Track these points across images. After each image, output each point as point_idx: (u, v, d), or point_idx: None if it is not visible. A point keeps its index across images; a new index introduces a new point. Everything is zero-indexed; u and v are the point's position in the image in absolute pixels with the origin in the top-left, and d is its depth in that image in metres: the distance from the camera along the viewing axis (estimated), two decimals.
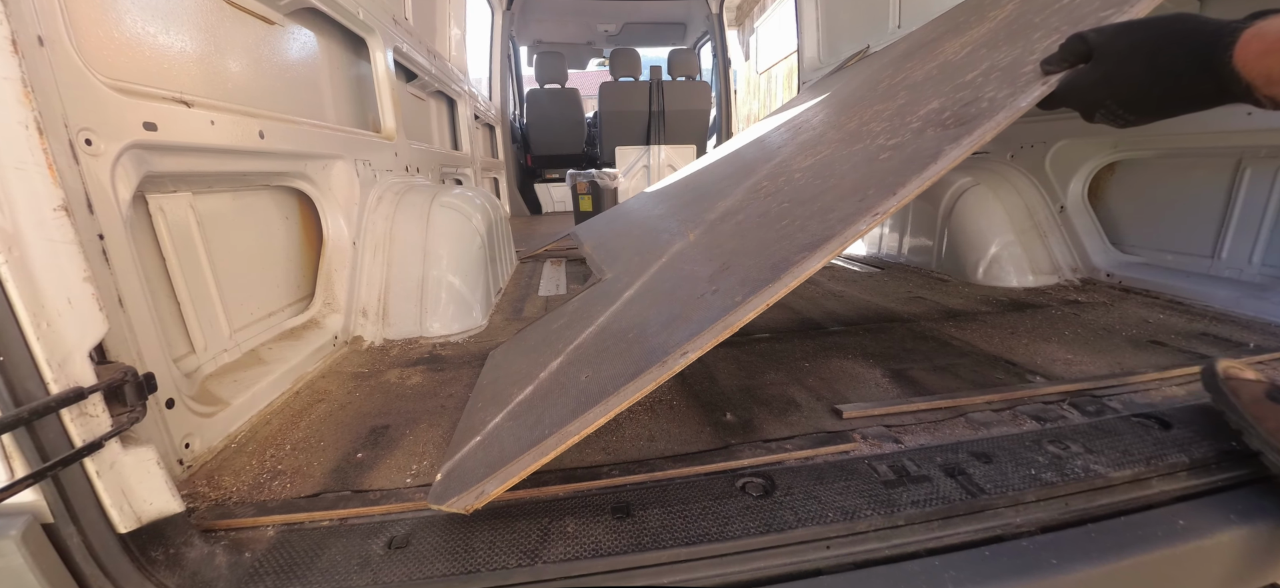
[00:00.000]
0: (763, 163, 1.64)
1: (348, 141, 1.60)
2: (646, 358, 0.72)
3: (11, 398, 0.61)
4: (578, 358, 0.90)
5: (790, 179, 1.16)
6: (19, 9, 0.66)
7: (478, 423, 0.89)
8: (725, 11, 5.08)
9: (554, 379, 0.87)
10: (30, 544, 0.61)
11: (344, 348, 1.47)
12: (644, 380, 0.67)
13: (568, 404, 0.73)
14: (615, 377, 0.72)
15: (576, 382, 0.80)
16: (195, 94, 1.04)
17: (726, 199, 1.46)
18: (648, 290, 1.06)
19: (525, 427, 0.76)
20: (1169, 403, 0.97)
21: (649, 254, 1.41)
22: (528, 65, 6.12)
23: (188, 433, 0.89)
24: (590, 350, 0.90)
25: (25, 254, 0.63)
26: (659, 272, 1.16)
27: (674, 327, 0.77)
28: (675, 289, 0.96)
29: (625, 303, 1.07)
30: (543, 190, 5.33)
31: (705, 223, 1.34)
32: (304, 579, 0.66)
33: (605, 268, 1.59)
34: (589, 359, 0.86)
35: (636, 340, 0.81)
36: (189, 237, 1.08)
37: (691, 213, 1.58)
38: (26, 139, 0.64)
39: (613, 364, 0.77)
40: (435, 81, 2.71)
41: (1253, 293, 1.46)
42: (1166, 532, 0.67)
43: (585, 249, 2.12)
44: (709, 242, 1.13)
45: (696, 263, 1.03)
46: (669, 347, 0.71)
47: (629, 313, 0.99)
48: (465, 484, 0.70)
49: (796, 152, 1.45)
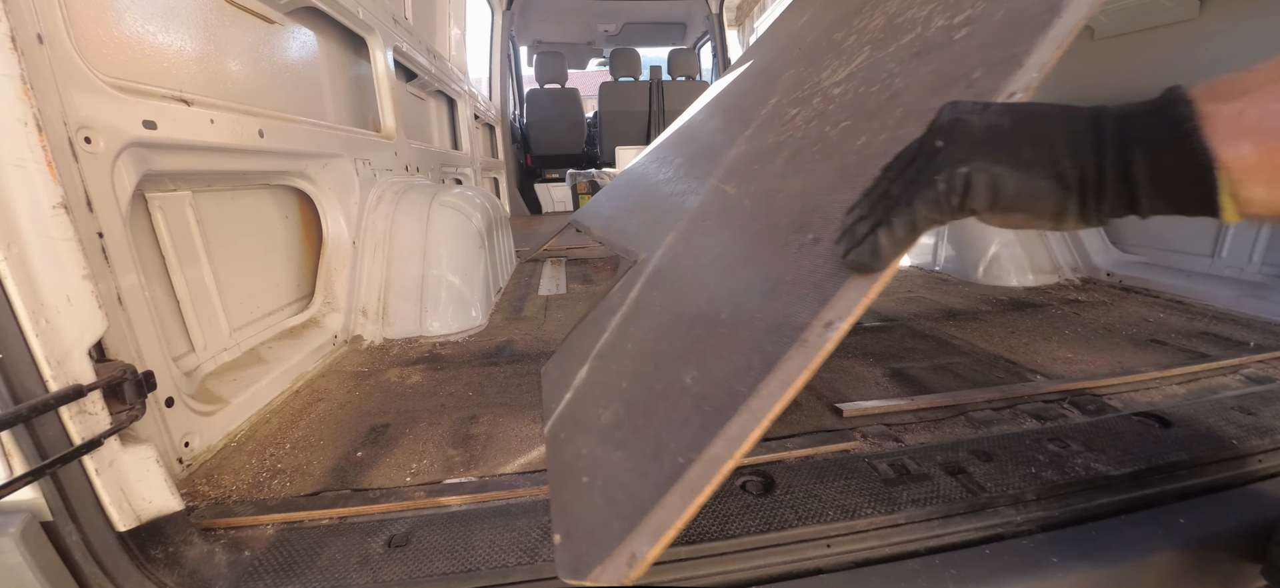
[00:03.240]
0: (765, 92, 1.42)
1: (348, 141, 1.60)
2: (772, 342, 0.56)
3: (10, 396, 0.61)
4: (663, 358, 0.75)
5: (828, 94, 0.96)
6: (18, 7, 0.66)
7: (572, 457, 0.74)
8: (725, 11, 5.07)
9: (645, 389, 0.72)
10: (29, 542, 0.61)
11: (344, 347, 1.47)
12: (789, 372, 0.51)
13: (688, 418, 0.59)
14: (737, 372, 0.57)
15: (681, 387, 0.65)
16: (195, 92, 1.04)
17: (744, 140, 1.25)
18: (710, 263, 0.87)
19: (642, 457, 0.61)
20: (1169, 402, 0.97)
21: (680, 223, 1.19)
22: (528, 65, 6.11)
23: (187, 431, 0.89)
24: (677, 346, 0.74)
25: (24, 252, 0.63)
26: (710, 238, 0.96)
27: (779, 297, 0.62)
28: (750, 252, 0.78)
29: (688, 282, 0.89)
30: (543, 190, 5.33)
31: (740, 170, 1.11)
32: (303, 578, 0.66)
33: (635, 249, 1.35)
34: (682, 356, 0.71)
35: (739, 323, 0.65)
36: (188, 235, 1.08)
37: (707, 166, 1.36)
38: (25, 136, 0.64)
39: (722, 357, 0.63)
40: (435, 81, 2.71)
41: (1253, 292, 1.46)
42: (1166, 531, 0.67)
43: (595, 233, 1.88)
44: (762, 188, 0.92)
45: (759, 216, 0.85)
46: (797, 322, 0.55)
47: (701, 292, 0.81)
48: (603, 545, 0.55)
49: (811, 67, 1.20)
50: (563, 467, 0.74)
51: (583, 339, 1.13)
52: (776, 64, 1.52)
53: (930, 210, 0.42)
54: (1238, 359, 1.12)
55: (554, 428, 0.87)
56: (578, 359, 1.04)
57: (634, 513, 0.54)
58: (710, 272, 0.85)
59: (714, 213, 1.04)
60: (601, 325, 1.09)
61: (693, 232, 1.06)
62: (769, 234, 0.76)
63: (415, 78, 2.53)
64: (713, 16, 5.18)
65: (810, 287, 0.57)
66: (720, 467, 0.50)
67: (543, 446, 0.94)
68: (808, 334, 0.52)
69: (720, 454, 0.51)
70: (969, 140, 0.41)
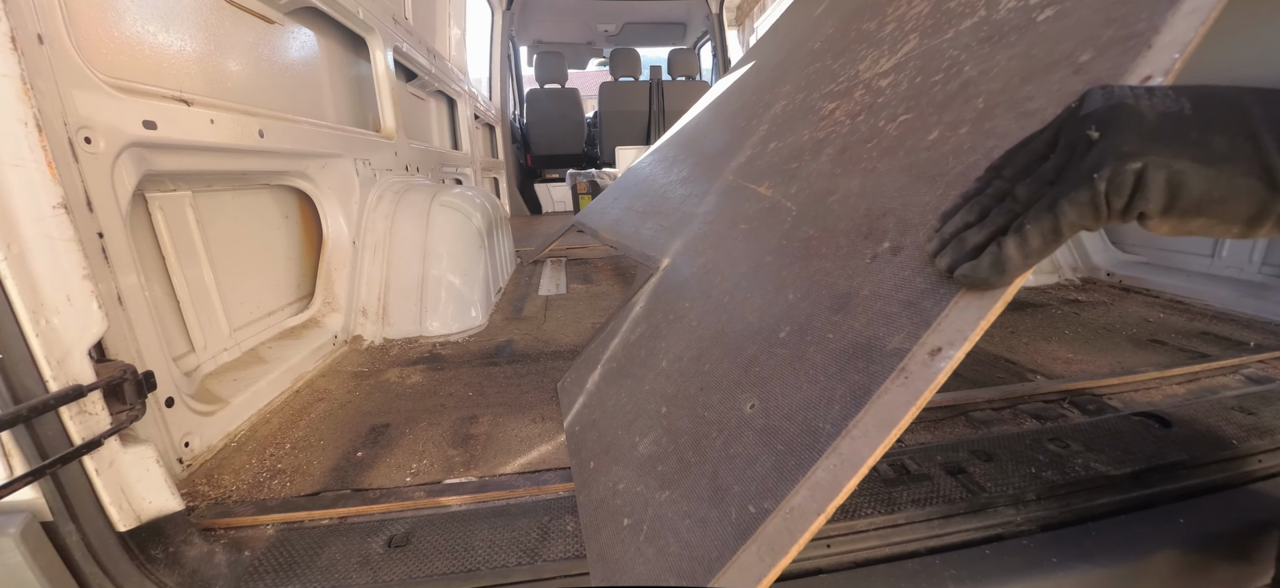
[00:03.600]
0: (783, 87, 1.32)
1: (348, 141, 1.60)
2: (859, 370, 0.48)
3: (10, 396, 0.61)
4: (709, 380, 0.67)
5: (873, 87, 0.89)
6: (18, 7, 0.66)
7: (606, 491, 0.67)
8: (725, 11, 5.07)
9: (690, 416, 0.65)
10: (29, 542, 0.61)
11: (344, 347, 1.47)
12: (890, 409, 0.42)
13: (754, 457, 0.51)
14: (813, 404, 0.50)
15: (739, 417, 0.57)
16: (195, 92, 1.04)
17: (770, 137, 1.15)
18: (753, 272, 0.79)
19: (698, 499, 0.53)
20: (1169, 402, 0.97)
21: (703, 226, 1.12)
22: (528, 65, 6.11)
23: (187, 432, 0.89)
24: (726, 367, 0.66)
25: (24, 252, 0.63)
26: (748, 244, 0.87)
27: (854, 315, 0.54)
28: (805, 262, 0.69)
29: (728, 293, 0.80)
30: (543, 190, 5.33)
31: (773, 169, 1.01)
32: (303, 578, 0.66)
33: (652, 254, 1.25)
34: (735, 380, 0.62)
35: (805, 344, 0.57)
36: (188, 235, 1.08)
37: (726, 165, 1.27)
38: (25, 136, 0.64)
39: (789, 384, 0.54)
40: (435, 81, 2.71)
41: (1253, 292, 1.46)
42: (1166, 531, 0.67)
43: (603, 237, 1.79)
44: (807, 190, 0.83)
45: (810, 221, 0.75)
46: (890, 348, 0.47)
47: (747, 305, 0.73)
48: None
49: (840, 59, 1.10)
50: (597, 503, 0.66)
51: (604, 353, 1.05)
52: (793, 59, 1.46)
53: (1081, 215, 0.35)
54: (1238, 359, 1.12)
55: (580, 454, 0.79)
56: (602, 376, 0.97)
57: (694, 570, 0.47)
58: (755, 282, 0.77)
59: (748, 216, 0.95)
60: (626, 338, 1.01)
61: (725, 236, 0.98)
62: (827, 241, 0.68)
63: (415, 78, 2.53)
64: (713, 16, 5.18)
65: (899, 305, 0.49)
66: (809, 524, 0.41)
67: (543, 445, 0.93)
68: (908, 363, 0.44)
69: (807, 508, 0.43)
70: (1139, 129, 0.34)
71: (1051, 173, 0.38)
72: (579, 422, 0.90)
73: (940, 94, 0.69)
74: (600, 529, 0.61)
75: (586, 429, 0.85)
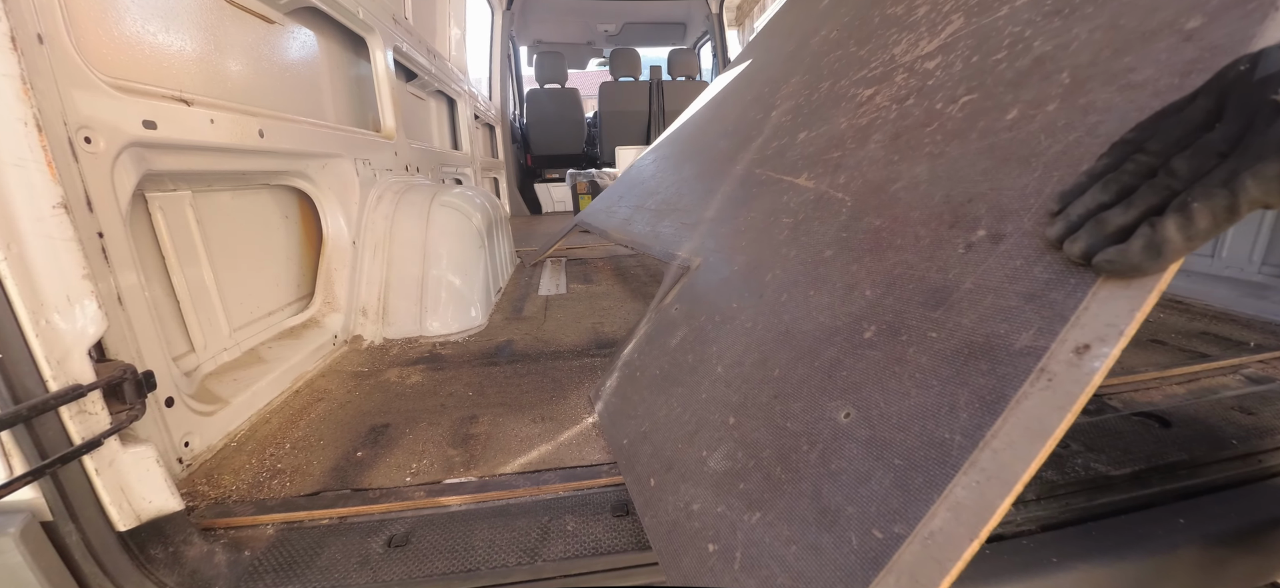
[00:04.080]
0: (795, 78, 1.28)
1: (348, 141, 1.60)
2: (984, 372, 0.43)
3: (10, 395, 0.61)
4: (784, 386, 0.62)
5: (918, 69, 0.84)
6: (18, 6, 0.66)
7: (678, 513, 0.62)
8: (725, 11, 5.08)
9: (767, 426, 0.60)
10: (29, 542, 0.61)
11: (344, 347, 1.47)
12: (1037, 417, 0.39)
13: (866, 472, 0.47)
14: (930, 411, 0.45)
15: (834, 427, 0.53)
16: (195, 92, 1.04)
17: (797, 129, 1.11)
18: (811, 267, 0.74)
19: (800, 522, 0.49)
20: (1169, 402, 0.97)
21: (734, 222, 1.07)
22: (528, 65, 6.11)
23: (187, 431, 0.89)
24: (803, 371, 0.61)
25: (24, 252, 0.63)
26: (800, 239, 0.82)
27: (959, 310, 0.49)
28: (877, 255, 0.64)
29: (782, 290, 0.75)
30: (543, 190, 5.34)
31: (811, 160, 0.96)
32: (303, 578, 0.66)
33: (677, 253, 1.21)
34: (818, 386, 0.58)
35: (901, 342, 0.53)
36: (188, 235, 1.08)
37: (746, 159, 1.22)
38: (25, 136, 0.64)
39: (892, 389, 0.50)
40: (435, 81, 2.71)
41: (1253, 292, 1.46)
42: (1166, 532, 0.67)
43: (614, 237, 1.72)
44: (860, 180, 0.78)
45: (872, 211, 0.71)
46: (1020, 346, 0.42)
47: (813, 303, 0.68)
48: None
49: (867, 45, 1.06)
50: (668, 526, 0.62)
51: (645, 359, 0.99)
52: (804, 50, 1.41)
53: (1267, 191, 0.31)
54: (1238, 359, 1.12)
55: (636, 471, 0.74)
56: (646, 384, 0.91)
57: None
58: (816, 278, 0.71)
59: (790, 209, 0.91)
60: (664, 343, 0.96)
61: (766, 232, 0.93)
62: (901, 231, 0.64)
63: (415, 78, 2.53)
64: (713, 16, 5.19)
65: (1018, 298, 0.45)
66: (959, 552, 0.37)
67: (543, 445, 0.93)
68: (1049, 363, 0.39)
69: (953, 533, 0.38)
70: None
71: (1222, 143, 0.33)
72: (627, 435, 0.85)
73: (1009, 72, 0.65)
74: (680, 557, 0.57)
75: (638, 443, 0.80)
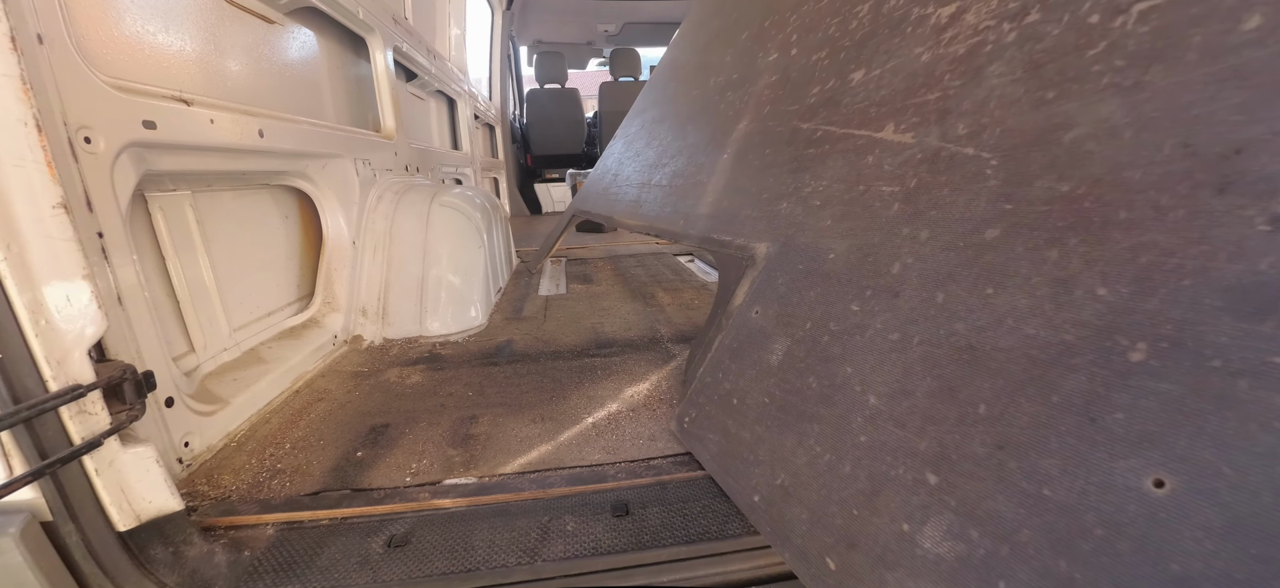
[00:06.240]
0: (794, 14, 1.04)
1: (347, 141, 1.60)
2: None
3: (10, 395, 0.61)
4: (1006, 435, 0.49)
5: None
6: (18, 7, 0.66)
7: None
8: None
9: (1011, 495, 0.47)
10: (29, 542, 0.61)
11: (344, 347, 1.47)
12: None
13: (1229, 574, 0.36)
14: None
15: (1144, 502, 0.40)
16: (195, 93, 1.04)
17: (820, 71, 0.91)
18: (965, 257, 0.57)
19: None
20: None
21: (793, 198, 0.87)
22: (528, 65, 6.11)
23: (187, 431, 0.89)
24: (1041, 415, 0.47)
25: (24, 252, 0.63)
26: (903, 217, 0.66)
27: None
28: (1097, 238, 0.48)
29: (935, 290, 0.59)
30: (543, 190, 5.34)
31: (888, 106, 0.75)
32: (303, 577, 0.66)
33: (727, 238, 1.00)
34: (1084, 438, 0.44)
35: (1216, 373, 0.40)
36: (188, 235, 1.08)
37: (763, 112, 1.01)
38: (25, 136, 0.64)
39: (1229, 442, 0.38)
40: (435, 81, 2.71)
41: None
42: None
43: (626, 224, 1.49)
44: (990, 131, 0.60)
45: (1054, 176, 0.52)
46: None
47: (996, 309, 0.53)
48: None
49: None
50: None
51: (738, 382, 0.81)
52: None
53: None
54: None
55: (793, 543, 0.60)
56: (755, 417, 0.75)
57: None
58: (984, 271, 0.55)
59: (885, 175, 0.71)
60: (762, 362, 0.78)
61: (855, 206, 0.74)
62: (1116, 201, 0.47)
63: (415, 78, 2.53)
64: None
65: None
66: None
67: (543, 445, 0.93)
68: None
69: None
70: None
71: None
72: (757, 489, 0.69)
73: None
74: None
75: (780, 504, 0.65)
